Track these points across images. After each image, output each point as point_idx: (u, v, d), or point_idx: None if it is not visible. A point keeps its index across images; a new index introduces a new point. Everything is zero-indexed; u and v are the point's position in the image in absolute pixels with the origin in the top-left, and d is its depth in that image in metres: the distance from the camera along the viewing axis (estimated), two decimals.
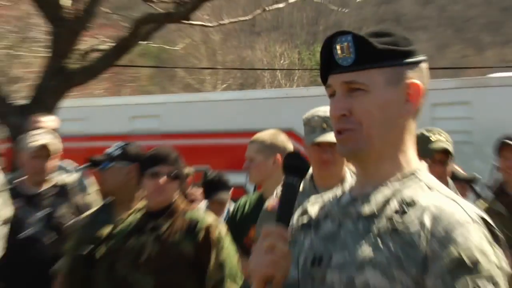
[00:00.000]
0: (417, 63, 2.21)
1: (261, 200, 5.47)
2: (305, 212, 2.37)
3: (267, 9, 12.23)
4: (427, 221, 2.07)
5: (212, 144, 11.91)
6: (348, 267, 2.10)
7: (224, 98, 14.20)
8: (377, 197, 2.16)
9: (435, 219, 2.07)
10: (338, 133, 2.19)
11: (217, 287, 4.62)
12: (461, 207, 2.10)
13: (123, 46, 9.71)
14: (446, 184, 5.00)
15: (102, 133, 12.35)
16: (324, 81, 2.24)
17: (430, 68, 2.28)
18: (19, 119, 8.80)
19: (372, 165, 2.21)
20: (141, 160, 4.86)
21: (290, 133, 10.49)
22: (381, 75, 2.16)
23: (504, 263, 2.07)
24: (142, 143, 5.66)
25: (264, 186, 5.50)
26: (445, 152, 5.26)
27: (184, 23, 11.19)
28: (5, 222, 4.34)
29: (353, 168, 5.32)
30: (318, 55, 2.25)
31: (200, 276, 4.64)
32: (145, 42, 10.93)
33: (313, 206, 2.37)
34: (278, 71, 40.32)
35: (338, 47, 2.17)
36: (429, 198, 2.13)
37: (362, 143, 2.16)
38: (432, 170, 4.83)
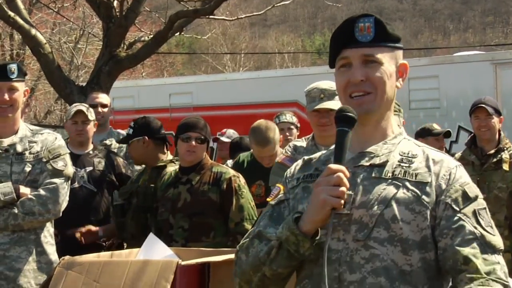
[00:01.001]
0: (402, 47, 2.27)
1: (254, 160, 5.45)
2: (309, 165, 2.36)
3: (276, 5, 12.09)
4: (432, 166, 2.16)
5: (234, 114, 11.86)
6: (376, 204, 2.11)
7: (243, 77, 14.17)
8: (383, 151, 2.20)
9: (437, 164, 2.16)
10: (352, 97, 2.20)
11: (237, 226, 4.60)
12: (447, 156, 2.22)
13: (161, 38, 9.67)
14: None
15: (147, 107, 12.33)
16: (336, 54, 2.23)
17: (407, 49, 2.29)
18: (81, 97, 8.81)
19: (373, 125, 2.23)
20: (179, 127, 4.84)
21: (295, 104, 10.48)
22: (389, 53, 2.21)
23: None
24: (178, 114, 5.69)
25: None
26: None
27: (209, 18, 11.13)
28: (69, 178, 4.32)
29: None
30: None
31: (225, 218, 4.64)
32: (179, 34, 10.84)
33: (315, 161, 2.36)
34: (286, 55, 40.17)
35: (361, 26, 2.18)
36: (424, 151, 2.21)
37: (376, 105, 2.19)
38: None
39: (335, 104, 4.56)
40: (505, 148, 5.77)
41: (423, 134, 6.77)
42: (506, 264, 2.13)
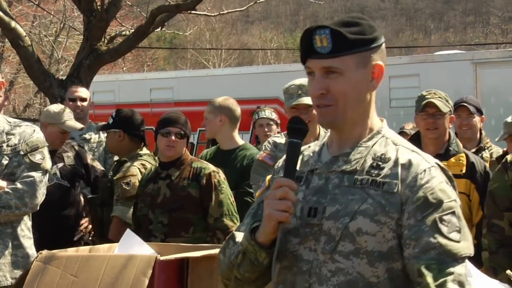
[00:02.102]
0: (379, 46, 2.20)
1: (219, 151, 5.43)
2: None
3: (258, 1, 12.06)
4: (399, 172, 2.12)
5: None
6: (342, 216, 2.10)
7: (225, 73, 14.15)
8: (355, 156, 2.16)
9: (405, 170, 2.12)
10: (318, 107, 2.18)
11: (216, 222, 4.60)
12: (422, 157, 2.16)
13: (142, 32, 9.61)
14: (438, 133, 4.76)
15: (127, 101, 12.29)
16: (303, 62, 2.21)
17: (388, 47, 2.26)
18: (61, 91, 8.76)
19: (347, 131, 2.20)
20: (159, 122, 4.84)
21: (277, 101, 10.48)
22: (353, 60, 2.14)
23: (458, 198, 2.15)
24: (158, 109, 5.68)
25: (218, 139, 5.45)
26: (435, 106, 4.67)
27: (191, 13, 11.09)
28: (47, 172, 4.29)
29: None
30: (299, 40, 2.20)
31: (204, 214, 4.63)
32: (160, 29, 10.79)
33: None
34: (269, 52, 40.17)
35: (317, 38, 2.14)
36: (397, 153, 2.16)
37: (338, 116, 2.16)
38: (426, 122, 4.70)
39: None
40: (486, 147, 5.77)
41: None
42: (486, 261, 2.13)
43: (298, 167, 2.23)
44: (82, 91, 6.63)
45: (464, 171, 4.66)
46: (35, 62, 9.16)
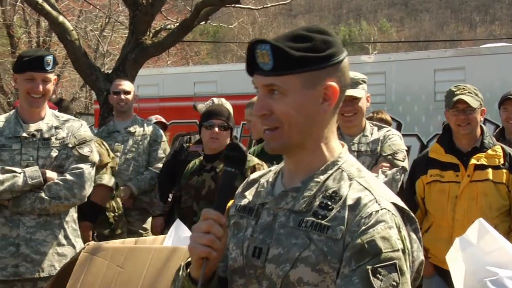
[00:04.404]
0: (336, 64, 1.92)
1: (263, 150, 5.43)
2: (243, 195, 2.10)
3: None
4: (346, 215, 1.86)
5: None
6: (283, 262, 1.89)
7: None
8: (305, 193, 1.93)
9: (351, 213, 1.86)
10: (265, 131, 1.95)
11: None
12: (374, 196, 1.88)
13: (187, 26, 9.67)
14: (470, 129, 4.70)
15: (171, 95, 12.36)
16: (251, 74, 1.97)
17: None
18: (106, 84, 8.85)
19: (297, 157, 1.97)
20: (202, 115, 4.87)
21: None
22: (298, 80, 1.88)
23: (409, 245, 1.89)
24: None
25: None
26: (465, 103, 4.62)
27: (235, 7, 11.11)
28: (94, 164, 4.38)
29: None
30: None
31: None
32: (205, 23, 10.83)
33: (250, 190, 2.10)
34: None
35: (258, 53, 1.89)
36: (349, 190, 1.91)
37: (284, 140, 1.92)
38: (457, 118, 4.67)
39: (358, 92, 4.57)
40: None
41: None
42: None
43: (251, 198, 2.05)
44: (126, 85, 6.66)
45: (502, 162, 4.64)
46: (81, 56, 9.28)
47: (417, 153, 8.82)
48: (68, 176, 4.21)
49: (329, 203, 1.89)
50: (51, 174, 4.19)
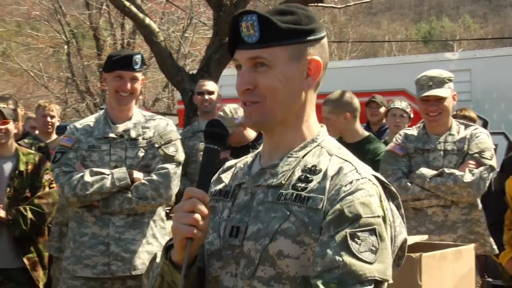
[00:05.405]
0: (318, 40, 1.91)
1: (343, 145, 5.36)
2: (220, 180, 2.05)
3: None
4: (327, 185, 1.82)
5: None
6: (262, 236, 1.83)
7: (349, 65, 14.06)
8: (283, 168, 1.89)
9: (332, 182, 1.83)
10: (244, 105, 1.91)
11: None
12: (355, 167, 1.86)
13: None
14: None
15: None
16: (232, 54, 1.94)
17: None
18: (191, 85, 8.95)
19: (277, 134, 1.93)
20: None
21: (403, 92, 10.32)
22: (284, 52, 1.87)
23: (392, 218, 1.85)
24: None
25: (343, 135, 5.30)
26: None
27: (318, 5, 11.09)
28: (180, 164, 4.45)
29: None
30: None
31: None
32: None
33: (226, 174, 2.05)
34: (393, 43, 39.67)
35: (243, 25, 1.87)
36: (329, 163, 1.87)
37: (267, 115, 1.88)
38: None
39: (443, 91, 4.50)
40: None
41: None
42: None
43: (227, 181, 2.01)
44: (209, 85, 6.70)
45: None
46: (167, 57, 9.42)
47: (504, 151, 8.61)
48: (154, 177, 4.26)
49: (309, 175, 1.86)
50: (137, 175, 4.25)
